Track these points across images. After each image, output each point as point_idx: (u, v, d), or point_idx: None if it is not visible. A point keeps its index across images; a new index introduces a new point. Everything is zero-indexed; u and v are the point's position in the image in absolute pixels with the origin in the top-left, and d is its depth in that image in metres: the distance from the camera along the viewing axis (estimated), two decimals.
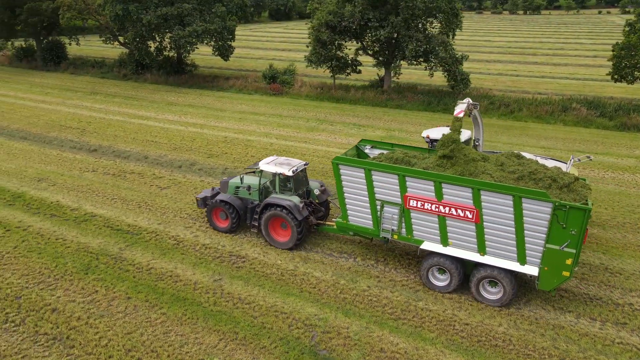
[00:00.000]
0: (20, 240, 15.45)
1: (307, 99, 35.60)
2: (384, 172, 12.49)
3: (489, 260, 11.99)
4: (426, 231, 12.68)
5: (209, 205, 15.87)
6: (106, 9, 36.45)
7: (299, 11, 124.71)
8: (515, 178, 11.99)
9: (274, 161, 15.15)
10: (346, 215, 13.66)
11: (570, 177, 11.98)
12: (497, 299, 12.18)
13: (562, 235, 10.89)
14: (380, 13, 30.81)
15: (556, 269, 11.20)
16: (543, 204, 10.80)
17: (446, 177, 11.78)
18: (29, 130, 27.50)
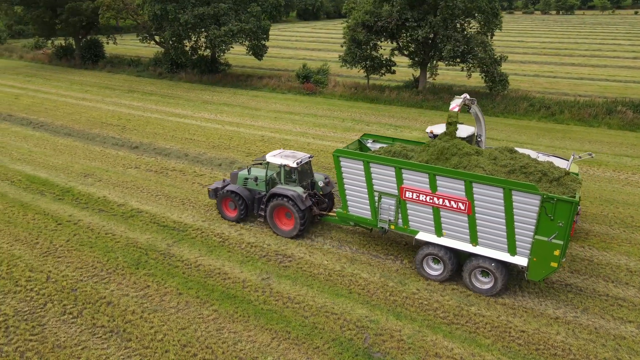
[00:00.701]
0: (71, 234, 15.85)
1: (341, 99, 35.50)
2: (381, 165, 12.96)
3: (481, 250, 12.35)
4: (421, 222, 13.09)
5: (219, 196, 16.54)
6: (145, 8, 37.15)
7: (326, 11, 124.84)
8: (506, 171, 12.33)
9: (280, 154, 15.82)
10: (346, 205, 14.18)
11: (561, 172, 12.26)
12: (488, 288, 12.53)
13: (550, 227, 11.18)
14: (418, 13, 30.47)
15: (545, 260, 11.48)
16: (532, 196, 11.13)
17: (440, 170, 12.18)
18: (72, 126, 28.23)
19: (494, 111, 31.12)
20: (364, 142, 15.75)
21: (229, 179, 17.24)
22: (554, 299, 12.65)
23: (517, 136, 26.65)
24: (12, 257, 14.46)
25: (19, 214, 17.21)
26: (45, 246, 15.10)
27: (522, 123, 29.20)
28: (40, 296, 12.65)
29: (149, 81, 42.47)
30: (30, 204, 18.02)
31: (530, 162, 12.57)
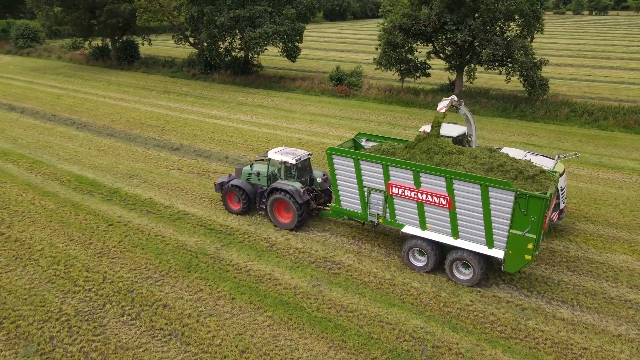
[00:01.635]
0: (123, 235, 16.19)
1: (375, 102, 35.34)
2: (369, 162, 13.75)
3: (461, 243, 13.08)
4: (407, 216, 13.88)
5: (224, 190, 17.52)
6: (182, 10, 37.72)
7: (353, 11, 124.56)
8: (485, 169, 12.95)
9: (282, 151, 16.72)
10: (339, 200, 15.03)
11: (536, 170, 12.94)
12: (468, 279, 13.31)
13: (524, 222, 11.81)
14: (457, 16, 30.08)
15: (519, 253, 12.12)
16: (506, 192, 11.80)
17: (423, 167, 12.92)
18: (113, 127, 28.85)
19: (533, 116, 30.51)
20: (358, 141, 16.46)
21: (234, 174, 18.14)
22: (614, 315, 12.32)
23: (560, 143, 26.05)
24: (69, 256, 14.85)
25: (71, 214, 17.68)
26: (99, 247, 15.47)
27: (564, 129, 28.53)
28: (98, 297, 12.96)
29: (183, 82, 43.11)
30: (81, 204, 18.49)
31: (507, 161, 13.21)
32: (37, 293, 13.07)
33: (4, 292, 13.08)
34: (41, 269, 14.19)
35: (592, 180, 21.22)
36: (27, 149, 24.69)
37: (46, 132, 27.75)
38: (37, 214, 17.69)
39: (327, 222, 17.06)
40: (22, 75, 44.90)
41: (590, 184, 20.79)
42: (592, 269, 14.44)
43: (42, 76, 44.60)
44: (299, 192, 15.66)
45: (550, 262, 14.73)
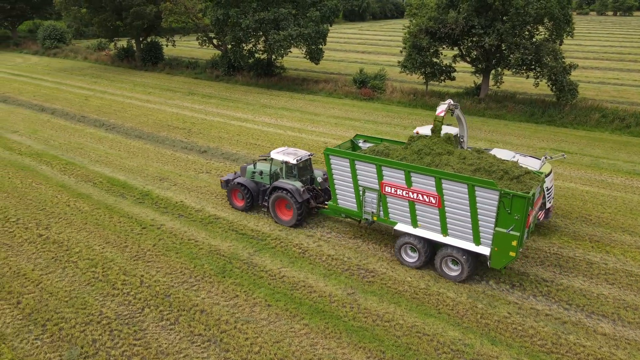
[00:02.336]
0: (157, 239, 16.42)
1: (399, 105, 35.17)
2: (364, 162, 14.44)
3: (450, 240, 13.63)
4: (399, 214, 14.51)
5: (229, 187, 18.30)
6: (207, 13, 38.08)
7: (372, 12, 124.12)
8: (472, 170, 13.51)
9: (284, 151, 17.30)
10: (336, 199, 15.71)
11: (521, 171, 13.49)
12: (457, 275, 13.81)
13: (508, 220, 12.36)
14: (486, 19, 29.75)
15: (504, 250, 12.65)
16: (491, 191, 12.36)
17: (413, 167, 13.56)
18: (141, 129, 29.26)
19: (562, 122, 30.00)
20: (356, 142, 17.17)
21: (239, 172, 18.91)
22: None
23: (591, 149, 25.59)
24: (106, 259, 15.12)
25: (106, 216, 17.99)
26: (134, 250, 15.71)
27: (594, 135, 28.02)
28: (137, 300, 13.16)
29: (207, 83, 43.50)
30: (114, 207, 18.80)
31: (494, 162, 13.79)
32: (77, 295, 13.34)
33: (46, 294, 13.37)
34: (80, 272, 14.48)
35: (626, 189, 20.79)
36: (59, 150, 25.20)
37: (77, 133, 28.28)
38: (72, 215, 18.05)
39: (359, 230, 17.05)
40: (50, 76, 45.84)
41: (625, 193, 20.37)
42: (631, 282, 14.15)
43: (69, 77, 45.46)
44: (299, 191, 16.34)
45: (588, 274, 14.49)
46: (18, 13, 63.41)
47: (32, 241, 16.21)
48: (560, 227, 17.41)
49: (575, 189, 20.74)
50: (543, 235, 16.76)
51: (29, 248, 15.78)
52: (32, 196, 19.62)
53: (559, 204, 19.19)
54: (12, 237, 16.46)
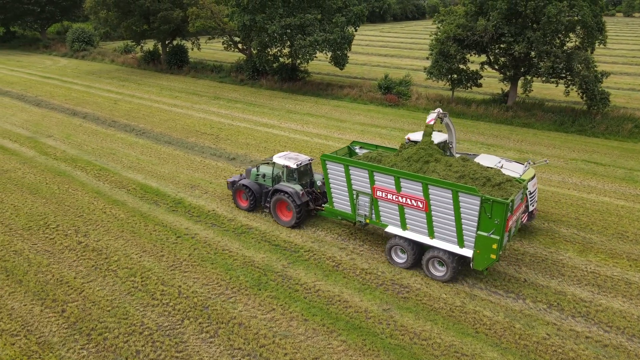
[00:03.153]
0: (192, 248, 16.71)
1: (425, 112, 34.88)
2: (357, 168, 15.29)
3: (436, 243, 14.40)
4: (389, 217, 15.33)
5: (234, 188, 19.36)
6: (234, 18, 38.44)
7: (393, 13, 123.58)
8: (457, 176, 14.22)
9: (285, 156, 18.23)
10: (332, 201, 16.61)
11: (503, 178, 14.15)
12: (442, 275, 14.59)
13: (489, 224, 13.08)
14: (516, 27, 29.41)
15: (486, 252, 13.39)
16: (473, 197, 13.10)
17: (402, 173, 14.35)
18: (170, 134, 29.74)
19: (593, 131, 29.51)
20: (352, 148, 18.16)
21: (245, 174, 19.85)
22: None
23: (624, 161, 25.12)
24: (144, 268, 15.46)
25: (141, 224, 18.37)
26: (170, 259, 16.02)
27: (627, 146, 27.49)
28: (176, 311, 13.44)
29: (232, 87, 43.95)
30: (149, 214, 19.19)
31: (477, 169, 14.46)
32: (119, 305, 13.68)
33: (89, 303, 13.75)
34: (120, 280, 14.84)
35: None
36: (92, 155, 25.79)
37: (108, 138, 28.89)
38: (109, 223, 18.48)
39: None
40: (79, 79, 46.85)
41: None
42: None
43: (98, 80, 46.40)
44: (298, 194, 17.29)
45: (628, 295, 14.27)
46: (47, 16, 64.98)
47: (73, 248, 16.66)
48: (596, 243, 17.18)
49: (610, 204, 20.40)
50: (579, 252, 16.56)
51: (69, 255, 16.23)
52: (69, 202, 20.15)
53: (594, 219, 18.92)
54: (53, 244, 16.94)
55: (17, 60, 58.15)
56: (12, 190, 21.28)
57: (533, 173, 17.37)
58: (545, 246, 16.99)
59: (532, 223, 18.03)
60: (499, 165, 17.33)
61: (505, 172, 15.95)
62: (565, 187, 22.23)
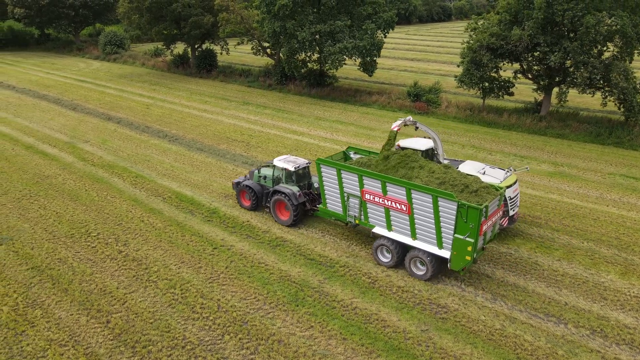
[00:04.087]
0: (228, 261, 16.96)
1: (455, 121, 34.67)
2: (348, 172, 16.40)
3: (418, 244, 15.43)
4: (376, 218, 16.40)
5: (238, 188, 20.61)
6: (265, 25, 38.76)
7: (419, 15, 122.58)
8: (438, 183, 15.17)
9: (285, 159, 19.48)
10: (325, 203, 17.77)
11: (480, 185, 15.06)
12: (422, 274, 15.56)
13: (465, 228, 14.03)
14: (552, 37, 28.86)
15: (461, 254, 14.27)
16: (451, 202, 14.11)
17: (388, 178, 15.38)
18: (201, 141, 30.20)
19: (631, 144, 28.74)
20: (348, 153, 19.31)
21: (249, 175, 20.96)
22: None
23: None
24: (183, 280, 15.78)
25: (178, 234, 18.74)
26: (208, 271, 16.30)
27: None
28: (216, 326, 13.68)
29: (260, 92, 44.34)
30: (185, 224, 19.55)
31: (457, 177, 15.32)
32: (160, 318, 14.00)
33: (132, 314, 14.11)
34: (160, 292, 15.17)
35: None
36: (128, 161, 26.40)
37: (142, 144, 29.51)
38: (147, 232, 18.91)
39: None
40: (112, 82, 47.96)
41: None
42: None
43: (130, 84, 47.42)
44: (296, 195, 18.49)
45: None
46: (81, 19, 66.69)
47: (114, 257, 17.11)
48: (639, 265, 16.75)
49: None
50: (621, 275, 16.19)
51: (111, 265, 16.68)
52: (108, 210, 20.68)
53: (636, 239, 18.47)
54: (94, 253, 17.43)
55: (51, 62, 59.88)
56: (54, 196, 21.96)
57: (515, 179, 18.31)
58: (585, 267, 16.66)
59: (514, 227, 19.02)
60: (481, 172, 18.20)
61: (486, 178, 17.40)
62: (603, 203, 21.73)
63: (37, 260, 16.87)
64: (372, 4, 39.61)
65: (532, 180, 24.26)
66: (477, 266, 16.59)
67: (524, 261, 16.99)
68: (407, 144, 20.08)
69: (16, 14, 62.80)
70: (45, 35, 73.10)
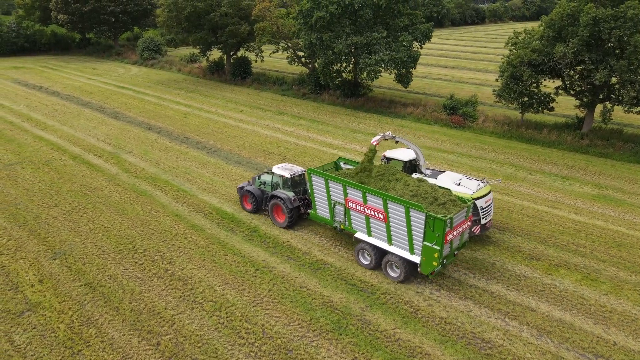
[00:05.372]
0: (271, 284, 17.28)
1: (492, 136, 34.16)
2: (334, 182, 18.07)
3: (393, 249, 16.97)
4: (358, 224, 18.02)
5: (241, 192, 22.47)
6: (301, 36, 39.07)
7: (452, 18, 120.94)
8: (411, 195, 16.84)
9: (283, 166, 21.37)
10: (315, 208, 19.52)
11: (448, 198, 16.56)
12: (396, 277, 17.13)
13: (432, 237, 15.53)
14: (597, 55, 28.10)
15: (429, 260, 15.84)
16: (420, 213, 15.64)
17: (368, 189, 17.04)
18: (239, 153, 30.73)
19: None
20: (338, 163, 20.92)
21: (252, 181, 22.76)
22: None
23: None
24: (228, 303, 16.17)
25: (220, 253, 19.19)
26: (252, 294, 16.65)
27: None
28: (262, 353, 13.99)
29: (294, 101, 44.72)
30: (227, 242, 20.00)
31: (429, 189, 16.94)
32: (208, 342, 14.41)
33: (181, 337, 14.58)
34: (206, 315, 15.61)
35: None
36: (169, 174, 27.13)
37: (182, 155, 30.25)
38: (191, 250, 19.43)
39: (469, 289, 16.90)
40: (151, 89, 49.25)
41: None
42: None
43: (167, 91, 48.59)
44: (291, 200, 20.30)
45: None
46: (120, 25, 68.64)
47: (160, 276, 17.68)
48: None
49: None
50: None
51: (158, 284, 17.24)
52: (153, 225, 21.34)
53: None
54: (142, 270, 18.05)
55: (92, 68, 61.91)
56: (101, 209, 22.80)
57: (488, 190, 19.59)
58: (634, 303, 16.23)
59: (486, 234, 20.37)
60: (457, 182, 19.48)
61: (460, 189, 18.90)
62: None
63: (89, 277, 17.59)
64: (409, 16, 39.43)
65: (575, 203, 23.73)
66: (522, 298, 16.41)
67: (570, 294, 16.69)
68: (392, 155, 21.81)
69: (60, 20, 65.17)
70: (86, 40, 75.58)
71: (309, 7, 37.27)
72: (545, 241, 20.21)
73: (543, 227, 21.33)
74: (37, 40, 72.09)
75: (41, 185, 25.50)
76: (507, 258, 18.93)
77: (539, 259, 18.89)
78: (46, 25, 73.60)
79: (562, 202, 23.81)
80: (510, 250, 19.47)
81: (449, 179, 19.88)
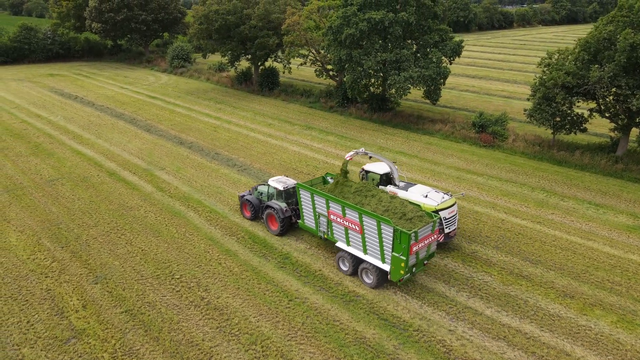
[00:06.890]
0: (304, 316, 17.61)
1: (523, 157, 33.80)
2: (319, 196, 20.20)
3: (368, 258, 19.05)
4: (339, 235, 20.10)
5: (241, 201, 24.59)
6: (331, 52, 39.33)
7: (479, 22, 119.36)
8: (383, 210, 18.82)
9: (278, 179, 23.51)
10: (303, 219, 21.77)
11: (415, 213, 18.47)
12: (370, 282, 19.11)
13: (399, 248, 17.55)
14: (635, 80, 27.54)
15: (397, 268, 17.84)
16: (389, 227, 17.59)
17: (346, 203, 19.11)
18: (269, 171, 31.17)
19: None
20: (326, 178, 23.27)
21: (251, 190, 24.82)
22: None
23: None
24: (263, 336, 16.57)
25: (254, 281, 19.63)
26: (286, 327, 17.02)
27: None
28: None
29: (322, 114, 45.02)
30: (260, 270, 20.43)
31: (399, 205, 18.84)
32: None
33: None
34: (243, 348, 16.04)
35: None
36: (201, 193, 27.76)
37: (213, 173, 30.89)
38: (225, 277, 19.93)
39: (501, 328, 16.89)
40: (181, 99, 50.28)
41: None
42: None
43: (197, 101, 49.52)
44: (282, 210, 22.45)
45: None
46: (151, 32, 70.13)
47: (197, 305, 18.20)
48: None
49: None
50: None
51: (195, 313, 17.76)
52: (188, 249, 21.95)
53: None
54: (179, 298, 18.62)
55: (124, 75, 63.48)
56: (138, 230, 23.55)
57: (453, 202, 21.54)
58: None
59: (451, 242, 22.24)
60: (425, 194, 21.45)
61: (427, 200, 20.97)
62: None
63: (129, 303, 18.24)
64: (439, 31, 39.24)
65: (610, 235, 23.37)
66: (556, 340, 16.33)
67: (605, 338, 16.54)
68: (370, 168, 24.22)
69: (93, 29, 67.00)
70: (118, 46, 77.45)
71: (338, 23, 37.50)
72: (579, 277, 20.02)
73: (576, 261, 21.12)
74: (72, 47, 74.28)
75: (80, 203, 26.46)
76: (540, 295, 18.83)
77: (573, 296, 18.74)
78: (80, 32, 75.75)
79: (596, 233, 23.48)
80: (543, 286, 19.36)
81: (418, 191, 21.98)
